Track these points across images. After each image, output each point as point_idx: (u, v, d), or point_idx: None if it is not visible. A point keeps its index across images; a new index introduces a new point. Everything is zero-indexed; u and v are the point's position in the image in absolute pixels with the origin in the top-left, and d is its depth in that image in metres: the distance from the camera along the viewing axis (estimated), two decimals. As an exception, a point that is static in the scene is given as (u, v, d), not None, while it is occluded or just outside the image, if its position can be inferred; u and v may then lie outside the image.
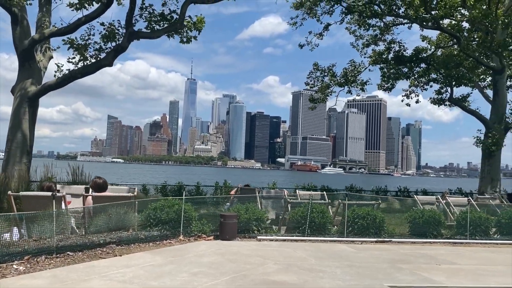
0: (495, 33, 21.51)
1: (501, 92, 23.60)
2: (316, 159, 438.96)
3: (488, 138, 23.02)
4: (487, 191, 22.46)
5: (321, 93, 26.32)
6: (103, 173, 30.96)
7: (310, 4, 25.80)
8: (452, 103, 27.15)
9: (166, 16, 15.08)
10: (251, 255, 8.24)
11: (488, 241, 11.38)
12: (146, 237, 8.58)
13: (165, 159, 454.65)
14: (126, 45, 14.25)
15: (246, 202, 10.52)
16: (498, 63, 23.07)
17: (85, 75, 14.98)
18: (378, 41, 27.63)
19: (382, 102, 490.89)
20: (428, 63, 26.10)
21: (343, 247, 9.77)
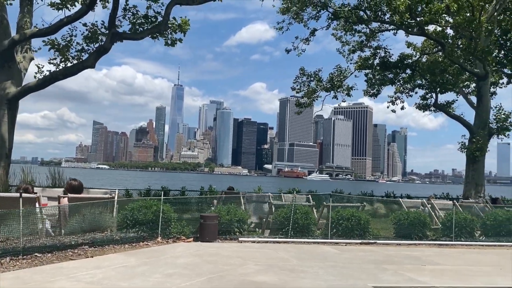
0: (479, 40, 21.76)
1: (485, 98, 23.85)
2: (303, 166, 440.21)
3: (473, 143, 23.22)
4: (472, 196, 22.62)
5: (307, 98, 26.32)
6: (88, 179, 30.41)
7: (297, 9, 25.88)
8: (437, 109, 27.40)
9: (150, 18, 14.86)
10: (231, 256, 8.05)
11: (473, 243, 11.36)
12: (122, 238, 8.35)
13: (151, 166, 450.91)
14: (109, 46, 13.97)
15: (228, 203, 10.29)
16: (481, 69, 23.33)
17: (67, 77, 14.64)
18: (364, 47, 27.80)
19: (368, 109, 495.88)
20: (413, 69, 26.34)
21: (327, 249, 9.62)
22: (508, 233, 11.59)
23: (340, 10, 26.01)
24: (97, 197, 8.82)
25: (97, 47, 14.47)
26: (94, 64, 14.24)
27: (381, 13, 25.28)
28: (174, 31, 15.07)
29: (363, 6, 25.47)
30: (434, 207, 13.17)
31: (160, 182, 63.64)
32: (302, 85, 26.45)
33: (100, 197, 8.89)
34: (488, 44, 22.78)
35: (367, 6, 25.31)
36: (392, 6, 20.36)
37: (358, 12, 25.70)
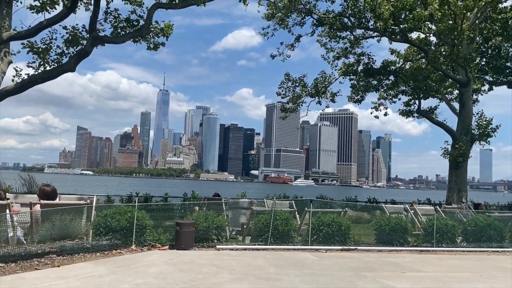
0: (461, 47, 22.04)
1: (467, 104, 24.14)
2: (289, 171, 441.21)
3: (455, 149, 23.46)
4: (455, 201, 22.80)
5: (293, 103, 26.35)
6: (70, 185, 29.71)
7: (282, 15, 25.93)
8: (420, 115, 27.67)
9: (132, 21, 14.64)
10: (206, 265, 7.83)
11: (455, 249, 11.32)
12: (93, 246, 8.03)
13: (136, 172, 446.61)
14: (89, 49, 13.70)
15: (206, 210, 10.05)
16: (464, 76, 23.63)
17: (46, 80, 14.30)
18: (348, 54, 27.98)
19: (353, 116, 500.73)
20: (397, 76, 26.57)
21: (307, 255, 9.47)
22: (488, 239, 11.61)
23: (324, 17, 26.16)
24: (71, 203, 8.50)
25: (77, 51, 14.17)
26: (74, 67, 13.95)
27: (365, 20, 25.50)
28: (157, 35, 14.88)
29: (347, 13, 25.66)
30: (417, 213, 13.16)
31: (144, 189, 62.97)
32: (287, 90, 26.50)
33: (74, 203, 8.58)
34: (470, 51, 23.12)
35: (351, 13, 25.51)
36: (377, 12, 20.50)
37: (342, 19, 25.89)
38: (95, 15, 13.37)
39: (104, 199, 18.69)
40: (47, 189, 8.84)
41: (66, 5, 14.22)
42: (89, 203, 8.81)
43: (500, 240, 11.65)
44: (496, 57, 26.59)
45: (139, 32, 14.35)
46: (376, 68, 26.73)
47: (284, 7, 25.24)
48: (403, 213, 13.34)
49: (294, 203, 11.80)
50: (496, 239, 11.58)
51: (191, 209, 12.27)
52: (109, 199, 18.70)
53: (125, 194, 20.82)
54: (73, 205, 8.36)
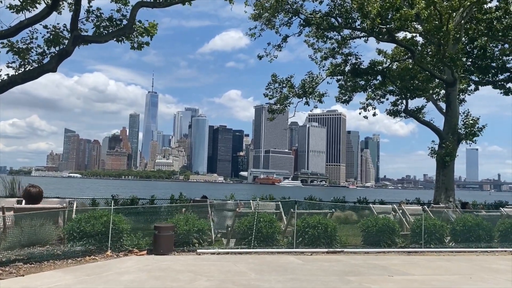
0: (447, 47, 22.12)
1: (453, 104, 24.25)
2: (278, 172, 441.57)
3: (442, 149, 23.53)
4: (442, 200, 22.86)
5: (280, 104, 26.22)
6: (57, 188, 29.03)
7: (269, 16, 25.81)
8: (407, 115, 27.75)
9: (115, 20, 14.33)
10: (182, 271, 7.50)
11: (443, 249, 11.16)
12: (65, 253, 7.62)
13: (125, 174, 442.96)
14: (71, 49, 13.36)
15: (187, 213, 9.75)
16: (450, 75, 23.74)
17: (26, 81, 13.91)
18: (336, 54, 27.97)
19: (341, 116, 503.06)
20: (384, 75, 26.61)
21: (291, 259, 9.20)
22: (477, 239, 11.49)
23: (311, 17, 26.11)
24: (45, 207, 8.13)
25: (59, 50, 13.83)
26: (56, 68, 13.60)
27: (352, 20, 25.51)
28: (141, 35, 14.59)
29: (334, 13, 25.64)
30: (405, 213, 13.08)
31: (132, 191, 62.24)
32: (275, 91, 26.38)
33: (49, 207, 8.21)
34: (456, 51, 23.23)
35: (338, 13, 25.50)
36: (364, 11, 20.45)
37: (329, 19, 25.86)
38: (76, 13, 13.06)
39: (88, 202, 18.33)
40: (32, 190, 8.42)
41: (47, 4, 13.90)
42: (65, 207, 8.45)
43: (489, 240, 11.54)
44: (482, 57, 26.82)
45: (122, 32, 14.05)
46: (363, 68, 26.74)
47: (270, 7, 25.14)
48: (391, 213, 13.24)
49: (281, 205, 11.61)
50: (485, 239, 11.47)
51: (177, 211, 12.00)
52: (94, 202, 18.33)
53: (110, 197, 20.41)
54: (48, 209, 8.00)
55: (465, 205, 20.14)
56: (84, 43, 13.85)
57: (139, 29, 14.41)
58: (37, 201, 8.31)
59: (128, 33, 14.14)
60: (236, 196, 32.91)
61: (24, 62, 14.02)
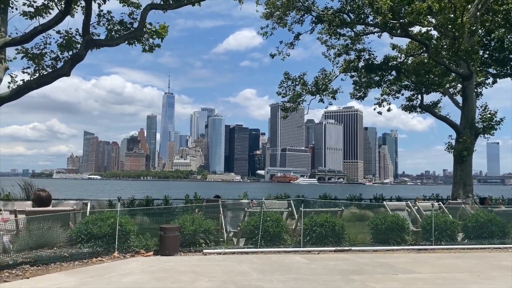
0: (462, 40, 21.72)
1: (470, 97, 23.80)
2: (295, 170, 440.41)
3: (459, 143, 23.12)
4: (460, 196, 22.48)
5: (293, 102, 26.16)
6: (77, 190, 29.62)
7: (280, 14, 25.76)
8: (422, 110, 27.34)
9: (126, 24, 14.51)
10: (185, 272, 7.52)
11: (454, 247, 10.95)
12: (72, 255, 7.74)
13: (144, 175, 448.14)
14: (83, 53, 13.59)
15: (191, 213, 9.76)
16: (466, 69, 23.30)
17: (41, 86, 14.19)
18: (349, 50, 27.73)
19: (358, 113, 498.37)
20: (398, 70, 26.29)
21: (297, 258, 9.12)
22: (490, 235, 11.21)
23: (323, 14, 25.95)
24: (55, 210, 8.31)
25: (71, 55, 14.09)
26: (69, 72, 13.84)
27: (364, 16, 25.25)
28: (151, 37, 14.75)
29: (346, 9, 25.43)
30: (420, 210, 12.89)
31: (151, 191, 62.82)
32: (288, 89, 26.31)
33: (61, 210, 8.39)
34: (472, 44, 22.80)
35: (350, 9, 25.28)
36: (375, 6, 20.23)
37: (341, 15, 25.65)
38: (87, 18, 13.26)
39: (106, 203, 18.61)
40: (42, 194, 8.70)
41: (60, 10, 14.15)
42: (75, 209, 8.62)
43: (503, 236, 11.26)
44: (499, 49, 26.23)
45: (133, 35, 14.22)
46: (377, 63, 26.46)
47: (282, 5, 25.09)
48: (406, 210, 13.07)
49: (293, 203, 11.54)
50: (498, 235, 11.19)
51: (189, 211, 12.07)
52: (110, 203, 18.60)
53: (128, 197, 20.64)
54: (58, 211, 8.17)
55: (483, 200, 19.75)
56: (96, 47, 14.06)
57: (150, 31, 14.58)
58: (47, 204, 8.56)
59: (139, 36, 14.30)
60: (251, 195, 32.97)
61: (39, 67, 14.33)
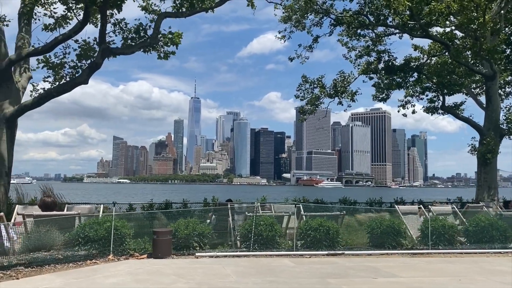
0: (484, 39, 21.21)
1: (494, 98, 23.20)
2: (322, 173, 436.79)
3: (483, 145, 22.55)
4: (485, 200, 21.89)
5: (311, 105, 26.11)
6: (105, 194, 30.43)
7: (298, 17, 25.79)
8: (445, 111, 26.79)
9: (141, 31, 14.91)
10: (169, 274, 7.73)
11: (452, 251, 10.73)
12: (66, 257, 8.07)
13: (171, 178, 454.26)
14: (100, 61, 14.07)
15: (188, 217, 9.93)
16: (489, 69, 22.74)
17: (61, 94, 14.79)
18: (371, 52, 27.47)
19: (386, 114, 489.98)
20: (419, 72, 25.87)
21: (285, 262, 9.17)
22: (490, 240, 10.96)
23: (342, 16, 25.82)
24: (60, 214, 8.65)
25: (89, 63, 14.60)
26: (87, 80, 14.35)
27: (384, 17, 24.98)
28: (166, 44, 15.10)
29: (365, 11, 25.22)
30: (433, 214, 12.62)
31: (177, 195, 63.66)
32: (306, 92, 26.29)
33: (65, 214, 8.73)
34: (496, 43, 22.23)
35: (368, 10, 25.06)
36: (392, 7, 20.02)
37: (360, 17, 25.46)
38: (103, 27, 13.73)
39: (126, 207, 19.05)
40: (48, 200, 9.14)
41: (79, 20, 14.69)
42: (79, 213, 8.94)
43: (504, 241, 10.98)
44: (527, 47, 25.47)
45: (148, 43, 14.60)
46: (397, 65, 26.10)
47: (300, 9, 25.12)
48: (417, 213, 12.86)
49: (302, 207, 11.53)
50: (500, 240, 10.93)
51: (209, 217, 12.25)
52: (130, 207, 19.01)
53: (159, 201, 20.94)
54: (63, 215, 8.52)
55: (508, 203, 19.21)
56: (112, 55, 14.52)
57: (165, 39, 14.93)
58: (52, 209, 8.98)
59: (153, 44, 14.68)
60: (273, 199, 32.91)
61: (58, 76, 14.93)
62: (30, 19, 16.21)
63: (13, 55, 15.04)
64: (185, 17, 15.01)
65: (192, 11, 14.78)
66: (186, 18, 15.60)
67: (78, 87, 14.95)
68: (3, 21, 15.39)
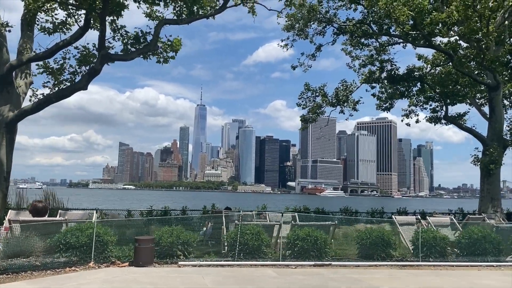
0: (487, 50, 21.10)
1: (498, 108, 23.02)
2: (326, 182, 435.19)
3: (486, 156, 22.34)
4: (488, 211, 21.62)
5: (313, 113, 26.04)
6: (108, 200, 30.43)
7: (300, 26, 25.80)
8: (448, 121, 26.62)
9: (140, 38, 14.96)
10: (143, 283, 7.58)
11: (443, 263, 10.48)
12: (44, 264, 7.94)
13: (176, 185, 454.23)
14: (99, 67, 14.12)
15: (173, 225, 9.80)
16: (493, 79, 22.59)
17: (60, 99, 14.84)
18: (374, 61, 27.41)
19: (392, 124, 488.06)
20: (422, 82, 25.76)
21: (269, 272, 8.98)
22: (483, 252, 10.71)
23: (345, 25, 25.82)
24: (46, 220, 8.58)
25: (88, 69, 14.66)
26: (86, 86, 14.39)
27: (387, 27, 24.94)
28: (165, 51, 15.15)
29: (368, 20, 25.19)
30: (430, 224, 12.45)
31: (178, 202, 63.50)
32: (308, 100, 26.24)
33: (51, 220, 8.65)
34: (500, 53, 22.11)
35: (371, 20, 25.03)
36: (393, 17, 19.98)
37: (364, 26, 25.45)
38: (102, 34, 13.77)
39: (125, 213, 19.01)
40: (39, 205, 9.06)
41: (80, 26, 14.78)
42: (66, 220, 8.87)
43: (497, 254, 10.75)
44: (532, 58, 25.26)
45: (147, 49, 14.64)
46: (400, 74, 26.01)
47: (302, 17, 25.14)
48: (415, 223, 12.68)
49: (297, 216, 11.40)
50: (493, 253, 10.70)
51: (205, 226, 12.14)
52: (129, 213, 18.96)
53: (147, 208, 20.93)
54: (49, 221, 8.45)
55: (510, 215, 18.95)
56: (111, 62, 14.58)
57: (164, 45, 14.98)
58: (43, 214, 8.89)
59: (153, 50, 14.72)
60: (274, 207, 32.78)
61: (58, 82, 14.99)
62: (32, 25, 16.33)
63: (14, 60, 15.14)
64: (186, 24, 15.02)
65: (192, 18, 14.81)
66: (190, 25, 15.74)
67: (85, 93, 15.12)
68: (6, 27, 15.51)
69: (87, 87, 14.42)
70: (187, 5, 14.12)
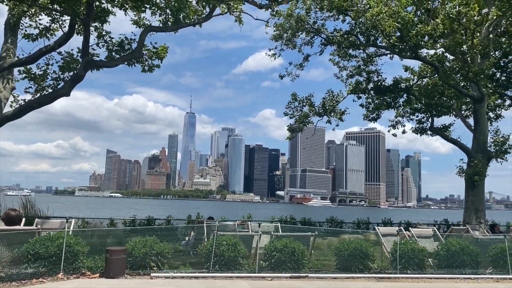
0: (472, 62, 21.37)
1: (482, 121, 23.25)
2: (315, 192, 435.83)
3: (470, 167, 22.50)
4: (472, 222, 21.73)
5: (299, 122, 26.08)
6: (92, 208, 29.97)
7: (289, 36, 25.92)
8: (433, 132, 26.84)
9: (124, 45, 14.83)
10: None
11: (421, 276, 10.39)
12: (10, 275, 7.66)
13: (164, 193, 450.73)
14: (82, 74, 13.94)
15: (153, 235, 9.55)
16: (477, 92, 22.85)
17: (42, 105, 14.60)
18: (362, 72, 27.62)
19: (380, 134, 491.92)
20: (408, 93, 25.98)
21: (243, 285, 8.78)
22: (461, 265, 10.67)
23: (333, 36, 26.01)
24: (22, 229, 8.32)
25: (71, 75, 14.47)
26: (69, 92, 14.19)
27: (374, 38, 25.17)
28: (150, 58, 15.03)
29: (355, 31, 25.41)
30: (413, 235, 12.43)
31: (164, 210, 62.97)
32: (295, 110, 26.29)
33: (23, 229, 8.40)
34: (485, 67, 22.40)
35: (359, 31, 25.25)
36: (379, 28, 20.17)
37: (351, 37, 25.65)
38: (86, 40, 13.62)
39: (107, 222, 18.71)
40: (12, 213, 8.84)
41: (64, 32, 14.61)
42: (39, 229, 8.64)
43: (475, 266, 10.74)
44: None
45: (132, 56, 14.52)
46: (386, 85, 26.22)
47: (290, 27, 25.26)
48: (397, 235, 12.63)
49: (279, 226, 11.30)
50: (471, 265, 10.69)
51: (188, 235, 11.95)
52: (111, 222, 18.66)
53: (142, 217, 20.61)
54: (20, 230, 8.21)
55: (493, 227, 19.04)
56: (95, 68, 14.41)
57: (149, 52, 14.87)
58: (16, 223, 8.65)
59: (137, 57, 14.59)
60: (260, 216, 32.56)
61: (40, 88, 14.76)
62: (16, 30, 16.12)
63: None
64: (173, 32, 14.91)
65: (178, 26, 14.73)
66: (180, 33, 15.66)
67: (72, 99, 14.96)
68: (-12, 32, 15.29)
69: (69, 93, 14.21)
70: (173, 12, 14.05)
